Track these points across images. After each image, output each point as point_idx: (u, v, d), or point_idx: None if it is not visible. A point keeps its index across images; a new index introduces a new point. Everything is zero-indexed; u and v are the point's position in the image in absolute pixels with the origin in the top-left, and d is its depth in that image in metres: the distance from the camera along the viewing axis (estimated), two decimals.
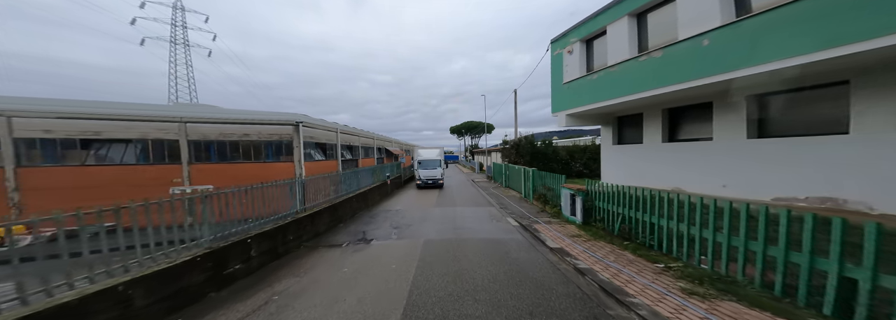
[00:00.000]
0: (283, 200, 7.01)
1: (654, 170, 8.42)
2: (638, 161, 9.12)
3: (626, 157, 9.71)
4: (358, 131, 30.62)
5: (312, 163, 18.72)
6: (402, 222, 9.98)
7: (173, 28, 48.98)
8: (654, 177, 8.32)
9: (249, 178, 7.83)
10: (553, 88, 11.11)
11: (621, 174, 9.77)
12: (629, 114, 9.48)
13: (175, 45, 49.13)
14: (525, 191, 14.16)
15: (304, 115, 17.82)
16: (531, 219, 9.66)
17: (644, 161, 8.85)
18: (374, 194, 14.33)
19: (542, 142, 21.85)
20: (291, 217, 7.06)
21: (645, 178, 8.54)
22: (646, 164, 8.77)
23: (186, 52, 49.72)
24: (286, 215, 6.96)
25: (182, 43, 49.79)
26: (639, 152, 9.04)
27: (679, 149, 7.78)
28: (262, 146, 15.59)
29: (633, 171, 9.21)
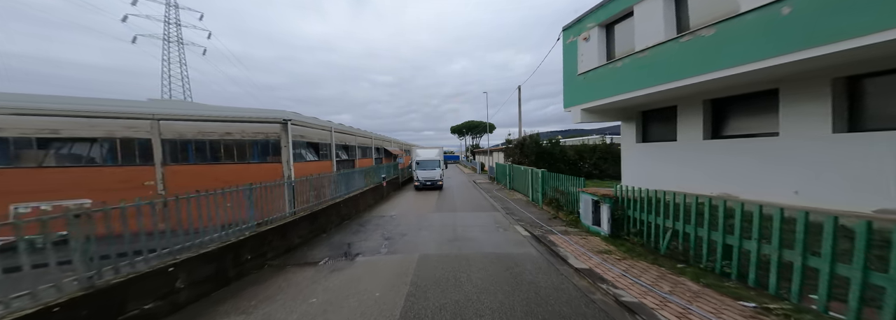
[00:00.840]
0: (240, 210, 5.73)
1: (692, 171, 7.12)
2: (669, 161, 7.83)
3: (653, 157, 8.42)
4: (354, 130, 29.38)
5: (304, 163, 17.47)
6: (395, 231, 8.72)
7: (166, 25, 47.82)
8: (692, 181, 7.03)
9: (232, 181, 6.69)
10: (566, 81, 9.84)
11: (647, 176, 8.49)
12: (658, 108, 8.19)
13: (168, 43, 47.97)
14: (533, 195, 12.88)
15: (293, 113, 16.59)
16: (544, 227, 8.39)
17: (678, 161, 7.56)
18: (367, 198, 13.07)
19: (548, 142, 20.58)
20: (250, 230, 5.76)
21: (679, 182, 7.26)
22: (681, 165, 7.48)
23: (180, 51, 48.57)
24: (243, 228, 5.66)
25: (176, 41, 48.62)
26: (671, 151, 7.75)
27: (727, 148, 6.47)
28: (246, 146, 14.35)
29: (663, 173, 7.93)
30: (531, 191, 13.01)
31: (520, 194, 15.63)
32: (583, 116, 9.02)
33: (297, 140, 17.00)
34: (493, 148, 33.24)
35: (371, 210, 12.47)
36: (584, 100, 8.80)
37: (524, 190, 14.93)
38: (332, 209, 9.09)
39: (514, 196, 15.42)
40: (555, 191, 9.97)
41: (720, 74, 5.16)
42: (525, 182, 14.60)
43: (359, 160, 30.14)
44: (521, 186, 15.56)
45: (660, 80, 6.28)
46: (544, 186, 11.09)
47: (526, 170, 14.27)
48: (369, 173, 14.97)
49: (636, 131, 8.93)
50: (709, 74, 5.33)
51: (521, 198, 14.63)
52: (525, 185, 14.68)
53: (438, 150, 23.77)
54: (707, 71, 5.36)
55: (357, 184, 12.71)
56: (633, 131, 9.09)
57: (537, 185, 12.00)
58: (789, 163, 5.28)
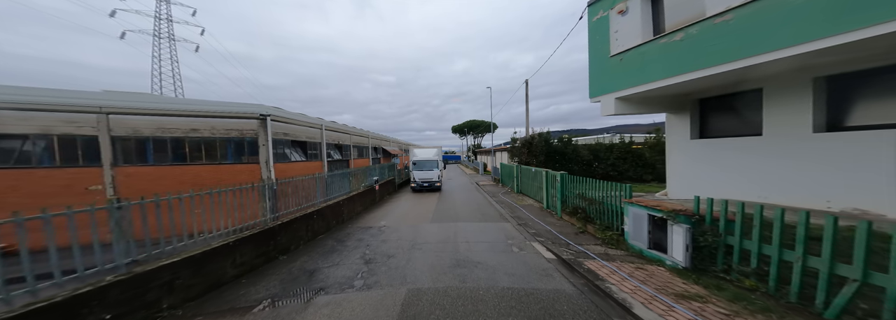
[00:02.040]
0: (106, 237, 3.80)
1: (790, 176, 5.19)
2: (747, 162, 5.90)
3: (717, 157, 6.49)
4: (349, 129, 27.54)
5: (289, 164, 15.65)
6: (380, 250, 6.85)
7: (157, 21, 46.16)
8: (788, 189, 5.13)
9: (201, 184, 5.26)
10: (593, 66, 7.99)
11: (707, 181, 6.58)
12: (729, 94, 6.25)
13: (159, 40, 46.28)
14: (548, 201, 10.99)
15: (274, 107, 14.76)
16: (571, 246, 6.50)
17: (764, 163, 5.62)
18: (354, 204, 11.21)
19: (559, 140, 18.68)
20: (115, 273, 3.78)
21: (764, 191, 5.39)
22: (768, 168, 5.55)
23: (171, 47, 46.87)
24: (97, 272, 3.64)
25: (167, 37, 46.94)
26: (751, 149, 5.80)
27: (855, 143, 4.56)
28: (217, 144, 12.52)
29: (736, 178, 6.02)
30: (546, 196, 11.12)
31: (530, 199, 13.74)
32: (617, 107, 7.13)
33: (280, 138, 15.17)
34: (497, 147, 31.36)
35: (357, 219, 10.60)
36: (621, 87, 6.92)
37: (536, 194, 13.04)
38: (301, 222, 7.22)
39: (523, 201, 13.53)
40: (580, 198, 8.08)
41: (873, 33, 3.27)
42: (537, 185, 12.71)
43: (354, 160, 28.30)
44: (532, 190, 13.67)
45: (751, 51, 4.39)
46: (564, 192, 9.21)
47: (538, 172, 12.39)
48: (357, 175, 13.08)
49: (690, 124, 7.02)
50: (852, 33, 3.44)
51: (532, 204, 12.73)
52: (537, 189, 12.79)
53: (436, 150, 22.06)
54: (847, 28, 3.48)
55: (341, 188, 10.83)
56: (685, 125, 7.17)
57: (554, 190, 10.12)
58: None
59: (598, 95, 7.79)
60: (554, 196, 10.13)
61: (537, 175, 12.59)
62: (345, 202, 10.17)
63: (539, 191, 12.42)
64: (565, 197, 9.18)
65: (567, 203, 9.06)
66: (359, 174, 13.15)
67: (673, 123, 7.62)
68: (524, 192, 15.20)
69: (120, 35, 45.67)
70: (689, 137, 6.99)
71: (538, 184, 12.39)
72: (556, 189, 9.72)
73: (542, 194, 11.84)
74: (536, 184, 12.67)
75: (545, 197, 11.09)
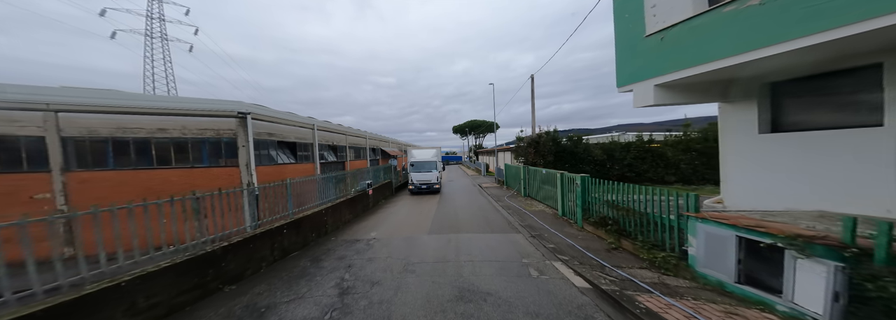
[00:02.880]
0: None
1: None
2: (851, 163, 4.43)
3: (801, 156, 5.02)
4: (345, 129, 26.20)
5: (276, 167, 14.30)
6: (364, 274, 5.47)
7: (149, 20, 44.96)
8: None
9: (170, 190, 5.17)
10: (620, 50, 6.60)
11: (789, 187, 5.12)
12: (826, 73, 4.76)
13: (151, 39, 45.10)
14: (564, 207, 9.57)
15: (256, 105, 13.41)
16: (607, 269, 5.10)
17: (881, 163, 4.15)
18: (342, 212, 9.82)
19: (569, 139, 17.27)
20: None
21: (880, 198, 3.98)
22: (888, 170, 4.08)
23: (164, 48, 45.70)
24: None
25: (159, 37, 45.79)
26: (865, 145, 4.30)
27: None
28: (189, 145, 11.18)
29: (838, 183, 4.54)
30: (561, 202, 9.70)
31: (541, 204, 12.33)
32: (657, 95, 5.71)
33: (265, 139, 13.83)
34: (500, 147, 29.95)
35: (344, 229, 9.22)
36: (662, 71, 5.51)
37: (548, 199, 11.63)
38: (262, 240, 5.82)
39: (533, 206, 12.13)
40: (611, 206, 6.66)
41: None
42: (550, 189, 11.30)
43: (351, 162, 26.94)
44: (543, 194, 12.26)
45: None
46: (587, 198, 7.80)
47: (551, 175, 10.98)
48: (346, 180, 11.68)
49: (758, 115, 5.55)
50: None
51: (543, 210, 11.32)
52: (549, 194, 11.39)
53: (435, 151, 20.76)
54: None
55: (322, 195, 9.43)
56: (749, 116, 5.69)
57: (572, 195, 8.71)
58: None
59: (628, 83, 6.38)
60: (572, 202, 8.72)
61: (550, 177, 11.18)
62: (329, 210, 8.78)
63: (552, 196, 11.02)
64: (588, 203, 7.76)
65: (590, 211, 7.64)
66: (349, 178, 11.75)
67: (730, 115, 6.15)
68: (533, 196, 13.79)
69: (110, 35, 44.55)
70: (756, 131, 5.54)
71: (551, 187, 10.98)
72: (575, 194, 8.31)
73: (555, 199, 10.44)
74: (549, 187, 11.26)
75: (560, 202, 9.67)
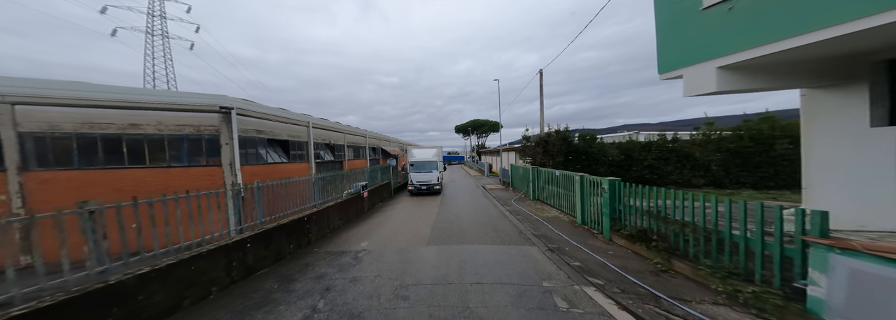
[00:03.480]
0: None
1: None
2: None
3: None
4: (343, 127, 25.16)
5: (265, 166, 13.27)
6: (343, 302, 4.35)
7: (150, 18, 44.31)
8: None
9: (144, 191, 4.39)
10: (665, 28, 5.45)
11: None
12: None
13: (152, 37, 44.45)
14: (584, 214, 8.37)
15: (243, 100, 12.39)
16: (664, 303, 3.93)
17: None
18: (330, 218, 8.72)
19: (581, 138, 16.05)
20: None
21: None
22: None
23: (165, 45, 45.03)
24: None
25: (160, 34, 45.11)
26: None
27: None
28: (165, 143, 10.15)
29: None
30: (581, 208, 8.50)
31: (554, 210, 11.14)
32: (721, 80, 4.52)
33: (253, 136, 12.79)
34: (505, 147, 28.74)
35: (331, 238, 8.11)
36: (733, 49, 4.32)
37: (563, 204, 10.45)
38: (215, 257, 4.70)
39: (545, 212, 10.95)
40: (652, 216, 5.48)
41: None
42: (565, 193, 10.12)
43: (350, 161, 25.93)
44: (557, 198, 11.08)
45: None
46: (616, 204, 6.60)
47: (568, 177, 9.79)
48: (335, 181, 10.55)
49: (870, 103, 4.28)
50: None
51: (557, 216, 10.14)
52: (565, 198, 10.21)
53: (436, 150, 19.77)
54: None
55: (308, 198, 8.33)
56: (856, 103, 4.45)
57: (594, 199, 7.53)
58: None
59: (676, 68, 5.21)
60: (596, 209, 7.53)
61: (566, 180, 9.99)
62: (314, 217, 7.68)
63: (568, 201, 9.84)
64: (617, 212, 6.57)
65: (621, 220, 6.45)
66: (338, 180, 10.60)
67: (822, 103, 4.89)
68: (544, 200, 12.61)
69: (111, 32, 43.97)
70: (866, 123, 4.30)
71: (566, 191, 9.80)
72: (600, 199, 7.11)
73: (572, 205, 9.26)
74: (564, 191, 10.08)
75: (580, 209, 8.48)
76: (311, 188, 8.29)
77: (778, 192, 11.14)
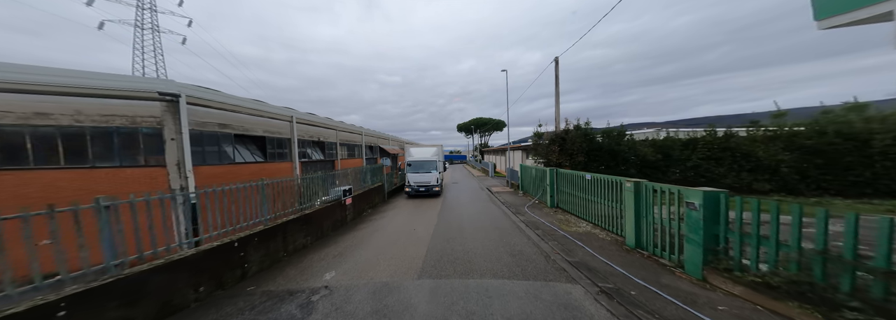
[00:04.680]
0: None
1: None
2: None
3: None
4: (335, 123, 22.93)
5: (229, 167, 11.08)
6: None
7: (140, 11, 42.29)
8: None
9: (57, 198, 4.07)
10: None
11: None
12: None
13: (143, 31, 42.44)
14: (639, 235, 6.04)
15: (199, 86, 10.18)
16: None
17: None
18: (291, 236, 6.48)
19: (605, 135, 13.73)
20: None
21: None
22: None
23: (155, 39, 43.01)
24: None
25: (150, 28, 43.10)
26: None
27: None
28: (87, 137, 7.96)
29: None
30: (633, 224, 6.16)
31: (583, 222, 8.84)
32: None
33: (214, 131, 10.58)
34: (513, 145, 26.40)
35: (284, 267, 5.87)
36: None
37: (597, 215, 8.15)
38: None
39: (571, 224, 8.66)
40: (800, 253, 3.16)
41: None
42: (600, 202, 7.82)
43: (342, 161, 23.71)
44: (583, 207, 8.79)
45: None
46: (715, 229, 4.23)
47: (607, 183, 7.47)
48: (305, 187, 8.18)
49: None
50: None
51: (590, 231, 7.85)
52: (599, 208, 7.92)
53: (436, 149, 17.89)
54: None
55: (247, 213, 5.98)
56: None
57: (658, 214, 5.23)
58: None
59: (866, 5, 2.89)
60: (665, 228, 5.23)
61: (604, 186, 7.68)
62: (255, 239, 5.44)
63: (606, 212, 7.57)
64: (721, 240, 4.21)
65: (725, 253, 4.12)
66: (305, 185, 8.18)
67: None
68: (567, 209, 10.31)
69: (98, 25, 42.00)
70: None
71: (605, 200, 7.50)
72: (688, 218, 4.77)
73: (612, 217, 6.99)
74: (601, 200, 7.77)
75: (632, 226, 6.14)
76: (259, 198, 6.03)
77: (886, 202, 8.53)
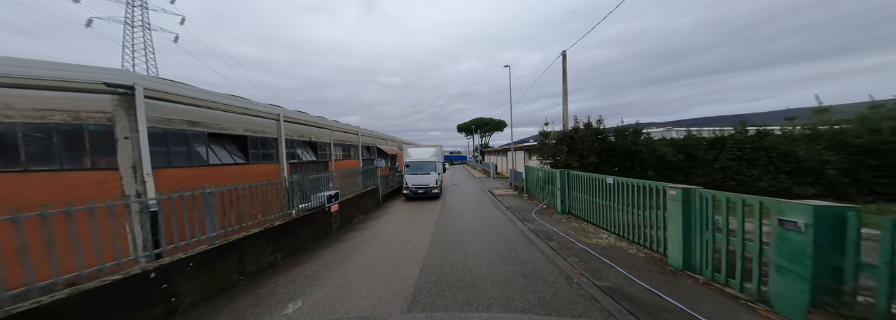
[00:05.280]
0: None
1: None
2: None
3: None
4: (329, 122, 21.73)
5: (202, 169, 9.89)
6: None
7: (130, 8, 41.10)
8: None
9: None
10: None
11: None
12: None
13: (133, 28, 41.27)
14: (687, 254, 4.80)
15: (160, 79, 9.00)
16: None
17: None
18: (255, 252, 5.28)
19: (619, 134, 12.56)
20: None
21: None
22: None
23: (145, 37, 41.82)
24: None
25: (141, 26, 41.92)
26: None
27: None
28: (18, 136, 6.75)
29: None
30: (681, 241, 4.92)
31: (604, 232, 7.63)
32: None
33: (181, 129, 9.36)
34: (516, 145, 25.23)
35: (235, 295, 4.65)
36: None
37: (621, 224, 6.94)
38: None
39: (589, 235, 7.45)
40: None
41: None
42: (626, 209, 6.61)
43: (337, 162, 22.50)
44: (604, 215, 7.58)
45: None
46: (839, 259, 2.99)
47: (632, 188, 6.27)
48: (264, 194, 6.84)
49: None
50: None
51: (615, 243, 6.64)
52: (623, 216, 6.71)
53: (435, 149, 16.93)
54: None
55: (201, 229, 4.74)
56: None
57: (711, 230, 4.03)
58: None
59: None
60: (718, 248, 4.04)
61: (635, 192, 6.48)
62: (193, 263, 4.22)
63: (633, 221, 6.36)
64: (852, 279, 2.95)
65: (844, 294, 2.90)
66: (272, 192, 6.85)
67: None
68: (582, 216, 9.11)
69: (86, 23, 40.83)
70: None
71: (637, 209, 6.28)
72: (773, 239, 3.55)
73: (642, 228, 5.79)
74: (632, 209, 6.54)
75: (679, 242, 4.89)
76: (204, 210, 4.78)
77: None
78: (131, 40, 40.91)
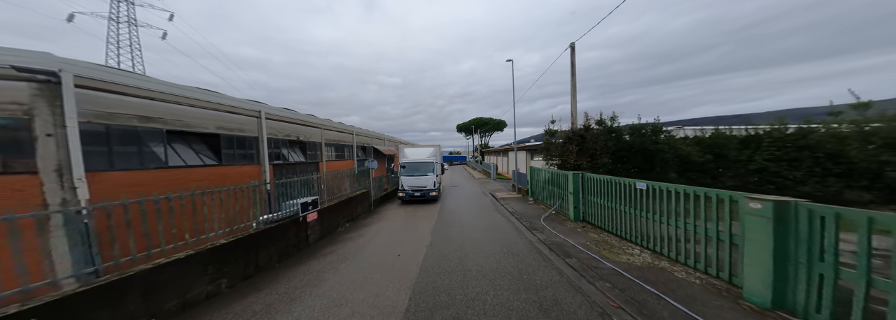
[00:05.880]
0: None
1: None
2: None
3: None
4: (320, 121, 20.30)
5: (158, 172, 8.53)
6: None
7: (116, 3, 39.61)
8: None
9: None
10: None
11: None
12: None
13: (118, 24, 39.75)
14: (795, 290, 3.51)
15: (98, 65, 7.63)
16: None
17: None
18: (176, 285, 3.96)
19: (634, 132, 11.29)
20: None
21: None
22: None
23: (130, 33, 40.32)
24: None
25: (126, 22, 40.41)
26: None
27: None
28: None
29: None
30: (771, 269, 3.60)
31: (635, 247, 6.30)
32: None
33: (132, 125, 7.95)
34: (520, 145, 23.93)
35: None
36: None
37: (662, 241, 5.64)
38: None
39: (616, 251, 6.13)
40: None
41: None
42: (679, 225, 5.30)
43: (329, 163, 21.09)
44: (630, 225, 6.28)
45: None
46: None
47: (692, 196, 4.96)
48: (202, 205, 5.43)
49: None
50: None
51: (652, 263, 5.32)
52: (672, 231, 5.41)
53: (433, 150, 15.76)
54: None
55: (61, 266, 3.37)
56: None
57: None
58: None
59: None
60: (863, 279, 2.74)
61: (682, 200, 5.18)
62: None
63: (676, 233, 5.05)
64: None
65: None
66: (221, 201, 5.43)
67: None
68: (601, 226, 7.79)
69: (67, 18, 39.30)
70: None
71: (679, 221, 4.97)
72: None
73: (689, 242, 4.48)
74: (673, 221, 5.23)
75: (767, 271, 3.55)
76: (77, 237, 3.38)
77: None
78: (116, 37, 39.39)
